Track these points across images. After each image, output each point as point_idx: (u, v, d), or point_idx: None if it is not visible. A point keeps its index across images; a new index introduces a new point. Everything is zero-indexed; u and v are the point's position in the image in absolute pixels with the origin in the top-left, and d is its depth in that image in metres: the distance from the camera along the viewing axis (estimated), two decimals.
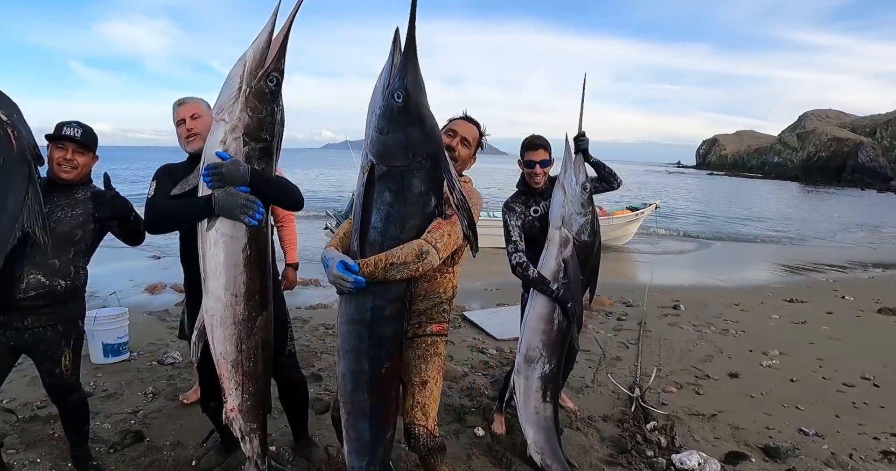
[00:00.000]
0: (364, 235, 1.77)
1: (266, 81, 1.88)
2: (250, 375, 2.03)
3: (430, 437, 2.04)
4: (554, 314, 2.58)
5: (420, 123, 1.76)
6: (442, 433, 3.01)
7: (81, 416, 2.50)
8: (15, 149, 2.03)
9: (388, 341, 1.85)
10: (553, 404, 2.68)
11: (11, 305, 2.12)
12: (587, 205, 2.57)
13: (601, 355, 4.50)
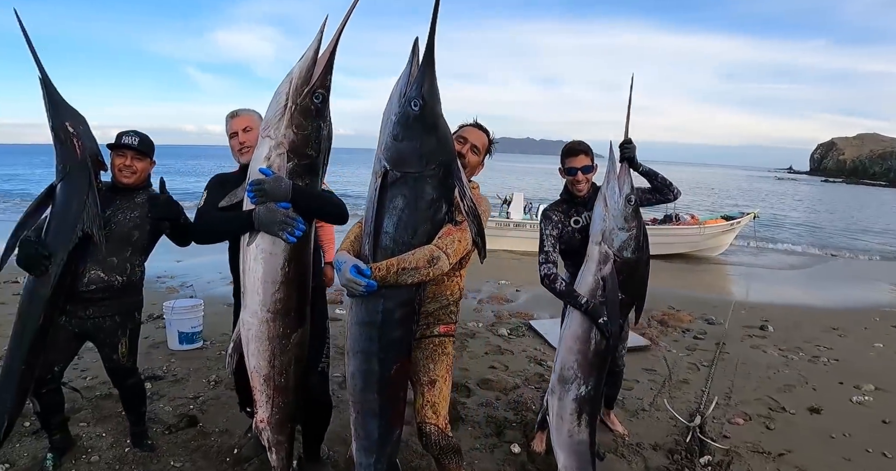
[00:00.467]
0: (376, 239, 1.80)
1: (312, 98, 1.86)
2: (281, 389, 2.04)
3: (441, 435, 2.06)
4: (591, 333, 2.41)
5: (434, 132, 1.79)
6: (476, 446, 2.97)
7: (138, 398, 2.70)
8: (78, 157, 2.21)
9: (397, 344, 1.87)
10: (590, 428, 2.50)
11: (75, 296, 2.32)
12: (631, 219, 2.38)
13: (667, 376, 4.21)
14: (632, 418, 3.44)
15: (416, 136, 1.77)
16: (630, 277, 2.42)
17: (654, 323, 5.90)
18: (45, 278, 2.18)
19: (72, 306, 2.35)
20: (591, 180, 2.62)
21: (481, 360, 4.51)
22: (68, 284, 2.26)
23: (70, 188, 2.22)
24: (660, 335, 5.43)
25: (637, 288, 2.50)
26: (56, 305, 2.24)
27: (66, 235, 2.19)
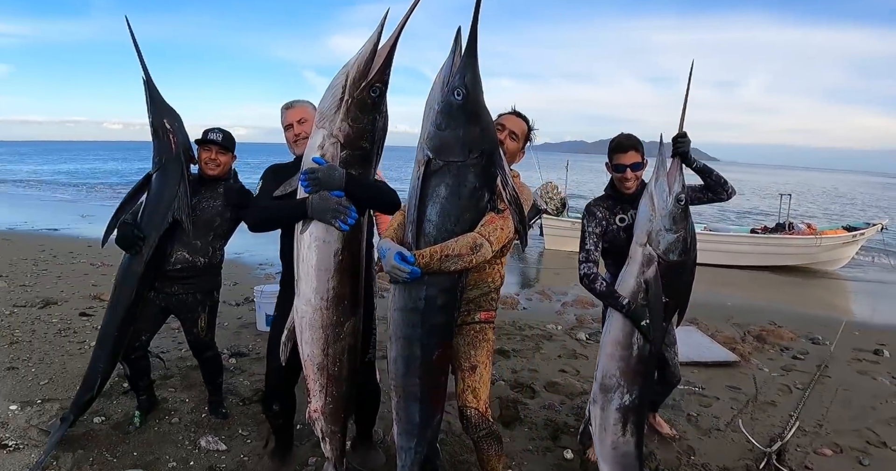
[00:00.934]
0: (419, 227, 1.81)
1: (369, 92, 1.87)
2: (334, 378, 2.06)
3: (482, 418, 2.07)
4: (632, 339, 2.28)
5: (477, 121, 1.81)
6: (529, 447, 2.91)
7: (215, 369, 2.93)
8: (173, 151, 2.45)
9: (439, 329, 1.89)
10: (636, 439, 2.36)
11: (163, 274, 2.58)
12: (680, 219, 2.22)
13: (752, 396, 3.87)
14: (703, 437, 3.20)
15: (458, 125, 1.78)
16: (674, 281, 2.28)
17: (749, 338, 5.46)
18: (138, 257, 2.44)
19: (160, 283, 2.60)
20: (640, 177, 2.47)
21: (553, 362, 4.41)
22: (158, 262, 2.50)
23: (164, 178, 2.47)
24: (753, 352, 4.99)
25: (681, 292, 2.37)
26: (146, 280, 2.50)
27: (159, 220, 2.44)
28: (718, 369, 4.40)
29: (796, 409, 3.64)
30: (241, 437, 2.79)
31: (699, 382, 4.06)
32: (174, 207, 2.46)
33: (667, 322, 2.45)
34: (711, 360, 4.56)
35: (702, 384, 4.01)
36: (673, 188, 2.22)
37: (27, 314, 4.70)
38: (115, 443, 2.65)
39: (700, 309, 6.67)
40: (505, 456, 2.25)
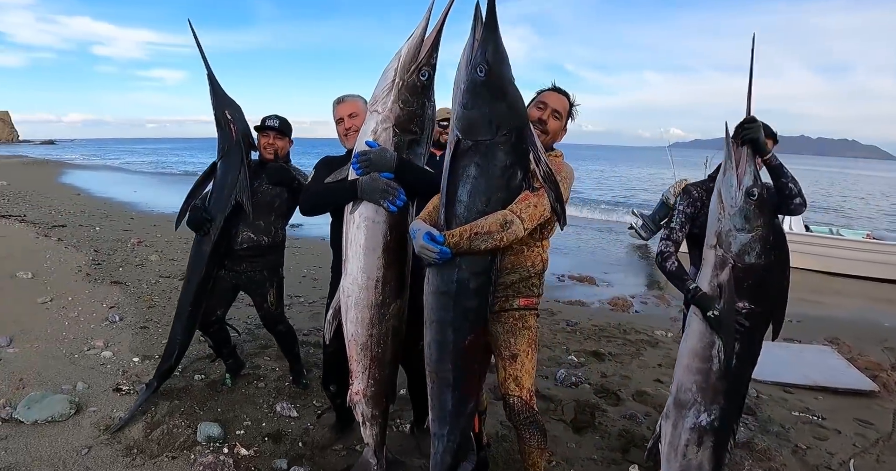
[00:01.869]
0: (450, 208, 1.76)
1: (418, 75, 1.88)
2: (378, 360, 2.03)
3: (525, 406, 1.99)
4: (713, 350, 2.00)
5: (504, 97, 1.74)
6: (594, 457, 2.71)
7: (290, 341, 3.09)
8: (234, 139, 2.61)
9: (472, 314, 1.82)
10: (711, 467, 2.07)
11: (232, 253, 2.76)
12: (755, 217, 1.92)
13: (885, 434, 3.26)
14: None
15: (484, 102, 1.72)
16: (759, 286, 1.97)
17: None
18: (206, 238, 2.65)
19: (229, 262, 2.79)
20: None
21: (650, 371, 4.08)
22: (225, 243, 2.70)
23: (227, 165, 2.65)
24: (885, 379, 4.15)
25: (772, 297, 2.05)
26: (215, 259, 2.70)
27: (223, 203, 2.62)
28: (849, 398, 3.79)
29: None
30: (313, 407, 2.93)
31: (820, 410, 3.51)
32: (236, 191, 2.63)
33: (758, 334, 2.11)
34: (842, 386, 3.92)
35: (823, 413, 3.46)
36: (743, 182, 1.92)
37: (168, 284, 5.35)
38: (205, 398, 2.94)
39: (846, 328, 5.81)
40: (549, 452, 2.11)
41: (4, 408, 2.70)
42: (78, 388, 3.01)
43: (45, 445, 2.45)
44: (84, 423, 2.64)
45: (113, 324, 4.08)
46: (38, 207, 10.56)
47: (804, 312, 6.52)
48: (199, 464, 2.28)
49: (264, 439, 2.59)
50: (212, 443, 2.50)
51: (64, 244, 6.97)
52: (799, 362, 4.40)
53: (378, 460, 2.13)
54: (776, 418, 3.34)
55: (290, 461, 2.41)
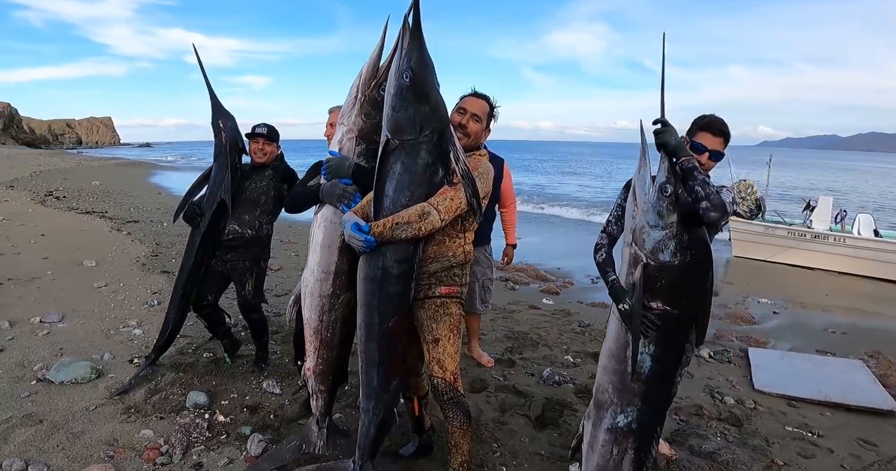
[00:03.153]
0: (378, 202, 2.00)
1: (378, 91, 2.12)
2: (327, 343, 2.32)
3: (449, 388, 2.17)
4: (627, 352, 1.99)
5: (427, 100, 1.97)
6: (541, 452, 2.84)
7: (260, 329, 3.47)
8: (224, 145, 3.02)
9: (395, 298, 2.04)
10: (631, 468, 2.08)
11: (220, 244, 3.17)
12: (668, 214, 1.90)
13: (889, 457, 3.13)
14: None
15: (409, 105, 1.94)
16: (676, 287, 1.95)
17: None
18: (197, 230, 3.07)
19: (219, 252, 3.20)
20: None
21: None
22: (215, 235, 3.12)
23: (218, 167, 3.07)
24: None
25: (691, 301, 2.00)
26: (204, 248, 3.11)
27: (212, 200, 3.04)
28: (863, 416, 3.60)
29: None
30: (295, 386, 3.26)
31: (820, 427, 3.39)
32: (222, 190, 3.04)
33: (680, 338, 2.07)
34: (856, 404, 3.72)
35: (821, 430, 3.34)
36: (657, 177, 1.94)
37: None
38: (205, 373, 3.37)
39: (894, 340, 5.44)
40: (471, 435, 2.27)
41: (41, 370, 3.26)
42: (105, 358, 3.54)
43: (64, 400, 2.96)
44: (100, 386, 3.14)
45: (151, 307, 4.66)
46: (121, 205, 11.83)
47: (854, 323, 6.19)
48: (177, 424, 2.68)
49: (243, 410, 2.97)
50: (197, 409, 2.91)
51: (132, 238, 7.86)
52: (818, 375, 4.23)
53: (320, 428, 2.42)
54: (763, 431, 3.27)
55: (255, 429, 2.75)
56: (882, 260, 8.30)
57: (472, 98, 2.33)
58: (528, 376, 3.76)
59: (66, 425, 2.72)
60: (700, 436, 3.10)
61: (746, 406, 3.62)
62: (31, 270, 5.65)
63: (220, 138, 3.07)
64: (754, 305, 6.76)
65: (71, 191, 14.44)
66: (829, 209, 9.25)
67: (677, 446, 2.97)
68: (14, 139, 65.76)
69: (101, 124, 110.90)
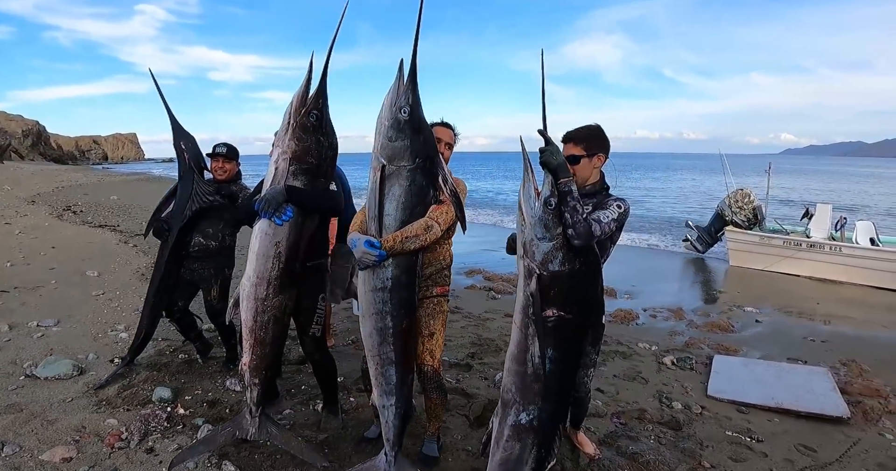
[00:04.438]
0: (381, 220, 2.28)
1: (307, 117, 2.42)
2: (260, 341, 2.59)
3: (435, 373, 2.66)
4: (527, 355, 2.19)
5: (421, 133, 2.26)
6: (469, 448, 3.07)
7: (226, 333, 3.80)
8: (186, 164, 3.38)
9: (406, 303, 2.34)
10: (530, 465, 2.24)
11: (188, 254, 3.52)
12: (554, 226, 2.07)
13: (823, 463, 3.22)
14: None
15: (406, 136, 2.22)
16: (569, 294, 2.14)
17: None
18: (166, 244, 3.42)
19: (186, 262, 3.55)
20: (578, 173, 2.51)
21: (598, 381, 4.16)
22: (183, 248, 3.46)
23: (183, 186, 3.42)
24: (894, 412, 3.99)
25: (585, 305, 2.22)
26: (173, 259, 3.45)
27: (178, 216, 3.39)
28: (813, 422, 3.72)
29: None
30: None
31: (763, 432, 3.52)
32: (189, 205, 3.38)
33: (576, 341, 2.30)
34: (806, 410, 3.84)
35: (762, 436, 3.47)
36: (542, 192, 2.09)
37: None
38: (177, 372, 3.73)
39: (879, 350, 5.58)
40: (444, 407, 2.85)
41: (30, 367, 3.66)
42: (89, 357, 3.93)
43: (45, 393, 3.34)
44: (80, 382, 3.52)
45: (139, 313, 5.02)
46: (134, 219, 12.43)
47: (837, 331, 6.31)
48: (139, 414, 3.02)
49: (203, 404, 3.30)
50: (161, 402, 3.25)
51: (137, 250, 8.35)
52: (778, 382, 4.37)
53: (252, 417, 2.70)
54: (701, 435, 3.41)
55: (207, 421, 3.08)
56: (878, 268, 8.35)
57: (442, 128, 2.71)
58: (480, 380, 4.01)
59: (43, 413, 3.08)
60: (632, 438, 3.28)
61: (693, 411, 3.78)
62: (37, 279, 6.13)
63: (183, 158, 3.43)
64: (739, 313, 6.90)
65: (89, 205, 15.19)
66: (828, 217, 9.31)
67: (606, 447, 3.16)
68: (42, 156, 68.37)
69: (127, 140, 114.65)
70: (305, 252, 2.66)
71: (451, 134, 2.76)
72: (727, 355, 5.13)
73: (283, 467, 2.69)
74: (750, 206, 9.78)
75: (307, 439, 2.94)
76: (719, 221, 10.24)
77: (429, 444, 2.89)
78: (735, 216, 9.82)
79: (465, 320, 5.50)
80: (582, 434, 3.12)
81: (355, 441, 2.97)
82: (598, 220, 2.26)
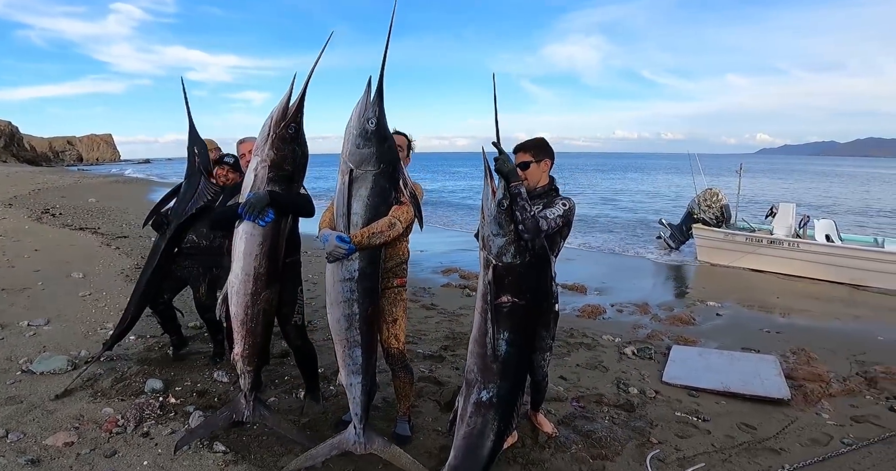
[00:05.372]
0: (349, 218, 2.57)
1: (286, 130, 2.71)
2: (250, 332, 2.89)
3: (400, 354, 3.02)
4: (486, 338, 2.50)
5: (385, 141, 2.57)
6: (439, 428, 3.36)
7: (214, 328, 4.07)
8: (196, 168, 3.66)
9: (370, 292, 2.67)
10: (491, 439, 2.55)
11: (180, 251, 3.78)
12: (506, 223, 2.45)
13: (759, 438, 3.55)
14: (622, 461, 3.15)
15: (373, 144, 2.53)
16: (521, 282, 2.48)
17: (855, 378, 4.72)
18: (162, 236, 3.68)
19: (179, 258, 3.82)
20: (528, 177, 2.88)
21: (562, 370, 4.52)
22: (177, 243, 3.73)
23: (188, 186, 3.69)
24: (838, 394, 4.32)
25: (536, 293, 2.56)
26: (166, 253, 3.69)
27: (181, 212, 3.65)
28: (756, 404, 4.06)
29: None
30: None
31: (710, 413, 3.85)
32: (190, 205, 3.65)
33: (530, 324, 2.63)
34: (751, 393, 4.19)
35: (708, 416, 3.80)
36: (497, 195, 2.45)
37: None
38: (164, 364, 4.01)
39: (828, 339, 5.97)
40: (413, 386, 3.18)
41: (25, 363, 3.90)
42: (81, 354, 4.17)
43: (42, 386, 3.59)
44: (73, 375, 3.75)
45: None
46: (114, 221, 12.53)
47: (792, 322, 6.73)
48: (133, 403, 3.29)
49: (192, 394, 3.58)
50: (153, 393, 3.52)
51: (119, 252, 8.54)
52: (729, 368, 4.71)
53: (247, 402, 3.01)
54: (652, 415, 3.73)
55: (198, 408, 3.37)
56: (831, 264, 8.86)
57: (396, 135, 2.95)
58: (452, 370, 4.34)
59: (42, 404, 3.34)
60: (588, 419, 3.62)
61: (647, 395, 4.12)
62: (23, 282, 6.31)
63: (194, 161, 3.69)
64: (702, 308, 7.30)
65: (67, 208, 15.23)
66: (790, 215, 9.80)
67: (564, 427, 3.49)
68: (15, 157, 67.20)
69: (102, 141, 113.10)
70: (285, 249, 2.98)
71: (406, 140, 3.09)
72: (685, 346, 5.50)
73: (268, 447, 2.99)
74: (718, 204, 10.28)
75: (291, 422, 3.24)
76: (690, 218, 10.72)
77: (401, 424, 3.20)
78: (703, 214, 10.31)
79: (440, 316, 5.81)
80: (541, 415, 3.44)
81: (334, 423, 3.28)
82: (545, 217, 2.63)
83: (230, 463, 2.82)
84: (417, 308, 6.29)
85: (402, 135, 3.07)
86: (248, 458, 2.87)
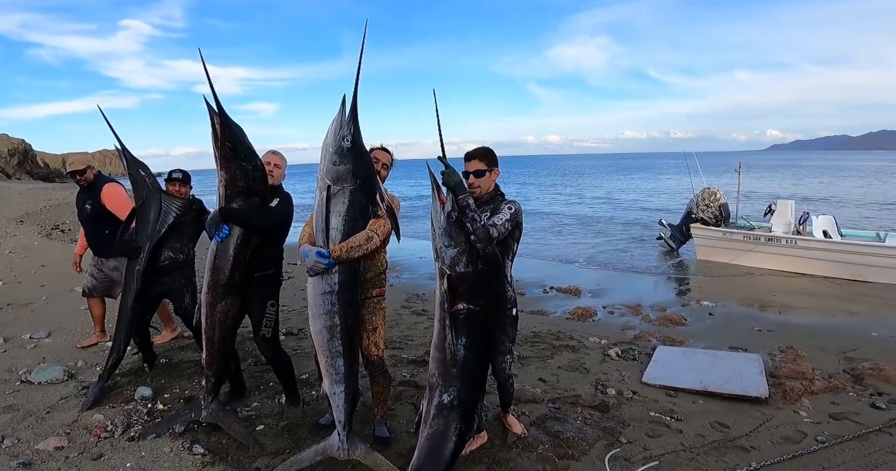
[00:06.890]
0: (328, 232, 2.69)
1: (223, 149, 2.95)
2: (210, 339, 3.22)
3: (380, 361, 3.15)
4: (445, 344, 2.60)
5: (361, 158, 2.69)
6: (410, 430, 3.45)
7: (199, 333, 4.24)
8: (152, 188, 3.84)
9: (350, 303, 2.78)
10: (453, 440, 2.66)
11: (156, 268, 3.96)
12: (457, 235, 2.53)
13: (731, 437, 3.60)
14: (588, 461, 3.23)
15: (349, 161, 2.64)
16: (472, 289, 2.57)
17: (841, 376, 4.78)
18: (138, 260, 3.83)
19: (155, 275, 3.97)
20: (482, 184, 3.00)
21: (543, 372, 4.66)
22: (154, 261, 3.90)
23: (147, 208, 3.83)
24: (820, 392, 4.37)
25: (490, 299, 2.67)
26: (146, 275, 3.85)
27: (148, 235, 3.80)
28: (735, 403, 4.11)
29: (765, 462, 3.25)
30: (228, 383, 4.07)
31: (684, 412, 3.91)
32: (158, 225, 3.83)
33: (486, 329, 2.71)
34: (729, 392, 4.26)
35: (682, 415, 3.86)
36: (446, 207, 2.53)
37: None
38: (157, 374, 4.26)
39: (820, 336, 6.03)
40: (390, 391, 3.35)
41: (24, 374, 4.15)
42: (78, 364, 4.43)
43: (39, 395, 3.84)
44: (70, 385, 4.01)
45: None
46: None
47: (784, 320, 6.80)
48: (122, 409, 3.53)
49: (180, 401, 3.80)
50: (142, 400, 3.75)
51: None
52: (711, 368, 4.76)
53: (206, 404, 3.28)
54: (626, 416, 3.80)
55: None
56: (828, 259, 8.90)
57: (381, 151, 3.18)
58: None
59: (38, 412, 3.59)
60: (559, 420, 3.70)
61: (624, 396, 4.19)
62: (28, 296, 6.62)
63: (146, 184, 3.86)
64: (695, 307, 7.39)
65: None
66: (789, 212, 9.83)
67: (535, 428, 3.59)
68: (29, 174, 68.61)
69: (114, 156, 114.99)
70: (249, 264, 3.21)
71: (389, 157, 3.24)
72: (671, 346, 5.60)
73: (245, 450, 3.18)
74: (716, 203, 10.35)
75: (270, 426, 3.46)
76: (689, 218, 10.80)
77: (379, 426, 3.35)
78: (702, 213, 10.38)
79: (429, 322, 5.97)
80: (511, 416, 3.55)
81: (310, 426, 3.46)
82: (494, 224, 2.79)
83: (208, 464, 3.02)
84: (408, 314, 6.48)
85: (386, 152, 3.21)
86: (225, 460, 3.07)
